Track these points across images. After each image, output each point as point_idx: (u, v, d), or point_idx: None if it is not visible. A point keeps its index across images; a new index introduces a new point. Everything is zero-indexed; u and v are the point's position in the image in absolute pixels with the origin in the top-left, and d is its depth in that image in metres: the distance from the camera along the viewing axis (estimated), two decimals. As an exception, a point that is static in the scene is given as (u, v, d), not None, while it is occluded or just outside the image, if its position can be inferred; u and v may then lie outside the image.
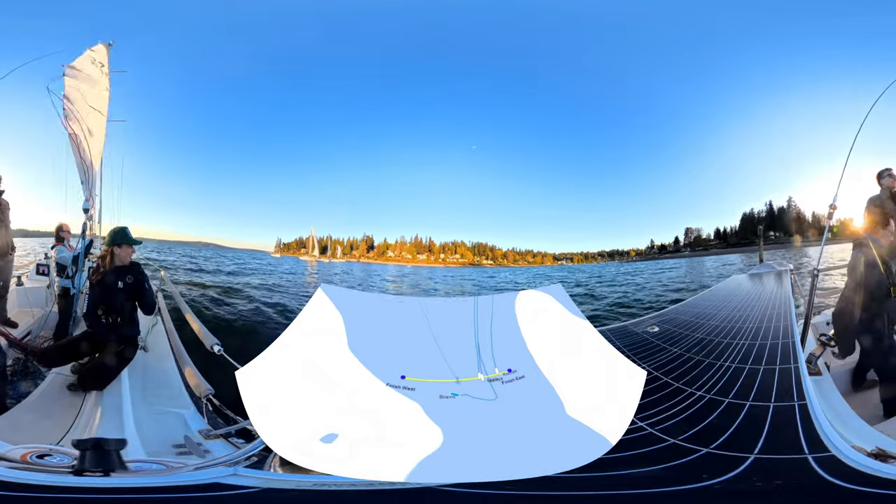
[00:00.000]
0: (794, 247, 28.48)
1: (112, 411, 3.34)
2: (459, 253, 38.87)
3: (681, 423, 2.90)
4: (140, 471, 2.13)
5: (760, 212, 31.70)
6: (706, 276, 18.35)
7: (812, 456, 2.25)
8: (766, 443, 2.45)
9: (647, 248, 33.70)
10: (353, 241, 40.15)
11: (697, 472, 2.27)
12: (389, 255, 39.35)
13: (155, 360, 4.41)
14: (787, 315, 5.23)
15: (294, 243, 41.32)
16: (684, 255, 32.13)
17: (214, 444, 2.95)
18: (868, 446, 2.36)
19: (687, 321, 6.45)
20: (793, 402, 2.84)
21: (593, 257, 34.46)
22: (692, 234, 33.48)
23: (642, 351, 4.90)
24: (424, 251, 39.45)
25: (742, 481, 2.14)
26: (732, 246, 29.56)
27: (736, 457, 2.33)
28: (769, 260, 13.60)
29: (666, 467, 2.36)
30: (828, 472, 2.14)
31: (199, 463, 2.40)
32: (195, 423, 3.28)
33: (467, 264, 37.77)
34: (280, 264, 30.44)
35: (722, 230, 32.74)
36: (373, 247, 40.00)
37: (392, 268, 36.68)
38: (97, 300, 3.95)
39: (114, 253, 4.04)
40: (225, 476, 2.08)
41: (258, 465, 2.25)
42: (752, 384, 3.35)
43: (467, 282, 27.68)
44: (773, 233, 31.53)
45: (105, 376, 3.73)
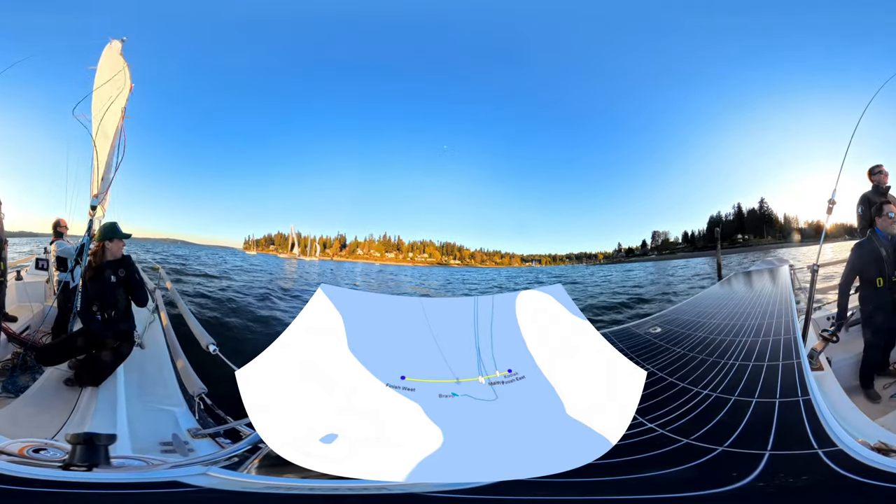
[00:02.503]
0: (765, 248, 28.64)
1: (106, 407, 3.35)
2: (428, 252, 38.79)
3: (690, 422, 2.90)
4: (121, 467, 2.13)
5: (728, 214, 31.89)
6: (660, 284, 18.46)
7: (822, 451, 2.26)
8: (776, 439, 2.46)
9: (615, 252, 33.84)
10: (326, 238, 39.71)
11: (720, 472, 2.26)
12: (359, 253, 39.11)
13: (151, 356, 4.43)
14: (787, 311, 5.24)
15: (263, 240, 40.53)
16: (651, 258, 32.30)
17: (202, 443, 2.94)
18: (871, 440, 2.37)
19: (688, 320, 6.47)
20: (797, 398, 2.86)
21: (561, 260, 34.54)
22: (659, 237, 33.62)
23: (646, 352, 4.92)
24: (393, 250, 39.32)
25: (768, 478, 2.14)
26: (699, 249, 29.71)
27: (752, 454, 2.33)
28: (726, 264, 13.77)
29: (687, 467, 2.35)
30: (841, 466, 2.15)
31: (178, 461, 2.40)
32: (186, 421, 3.27)
33: (435, 264, 37.73)
34: (268, 264, 29.82)
35: (689, 233, 32.90)
36: (345, 245, 39.75)
37: (361, 266, 36.52)
38: (91, 296, 3.97)
39: (105, 247, 4.08)
40: (190, 475, 2.07)
41: (236, 467, 2.26)
42: (757, 381, 3.37)
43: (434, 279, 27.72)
44: (741, 235, 31.72)
45: (101, 372, 3.75)
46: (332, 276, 27.10)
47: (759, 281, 9.25)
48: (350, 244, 39.54)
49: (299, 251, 38.78)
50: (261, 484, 2.13)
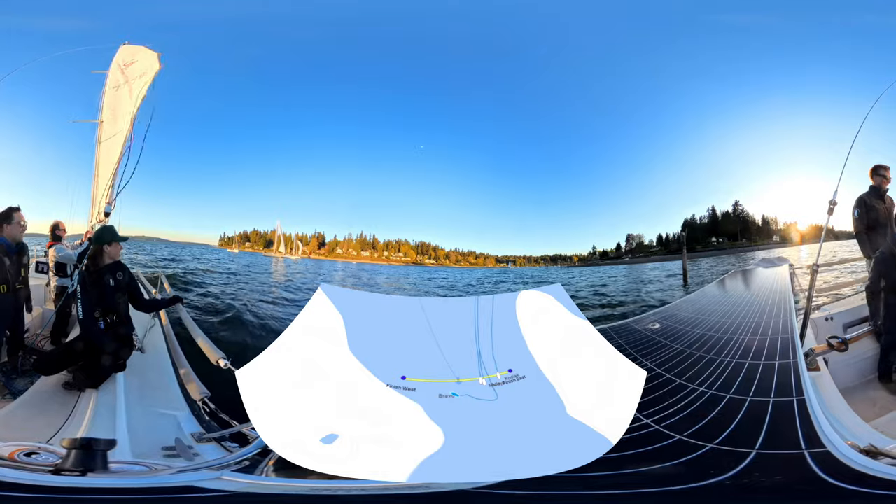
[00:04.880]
0: (738, 251, 28.60)
1: (105, 411, 3.28)
2: (403, 251, 38.83)
3: (684, 419, 2.92)
4: (119, 472, 2.09)
5: (703, 217, 31.75)
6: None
7: (808, 452, 2.28)
8: (766, 438, 2.48)
9: (590, 254, 33.80)
10: (303, 236, 39.49)
11: (704, 469, 2.29)
12: (339, 252, 39.06)
13: (151, 361, 4.38)
14: (786, 311, 5.24)
15: (238, 237, 40.11)
16: (625, 261, 32.31)
17: (206, 447, 2.91)
18: (861, 443, 2.38)
19: (687, 317, 6.49)
20: (791, 398, 2.88)
21: (536, 261, 34.49)
22: (634, 240, 33.52)
23: (644, 348, 4.94)
24: (368, 248, 39.32)
25: (746, 477, 2.16)
26: (673, 252, 29.63)
27: (739, 452, 2.36)
28: (696, 267, 13.84)
29: (675, 464, 2.39)
30: (821, 468, 2.17)
31: (184, 466, 2.37)
32: (189, 425, 3.23)
33: (410, 263, 37.82)
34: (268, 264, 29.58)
35: (664, 236, 32.80)
36: (324, 243, 39.61)
37: (340, 264, 36.54)
38: (94, 302, 3.90)
39: (103, 251, 4.06)
40: (204, 480, 2.04)
41: (249, 470, 2.22)
42: (753, 380, 3.39)
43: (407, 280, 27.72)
44: (714, 238, 31.62)
45: (100, 375, 3.72)
46: (331, 276, 26.94)
47: (755, 279, 9.26)
48: (329, 243, 39.39)
49: (286, 250, 38.48)
50: (281, 486, 2.10)
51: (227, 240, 39.14)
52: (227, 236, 39.20)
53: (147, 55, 6.40)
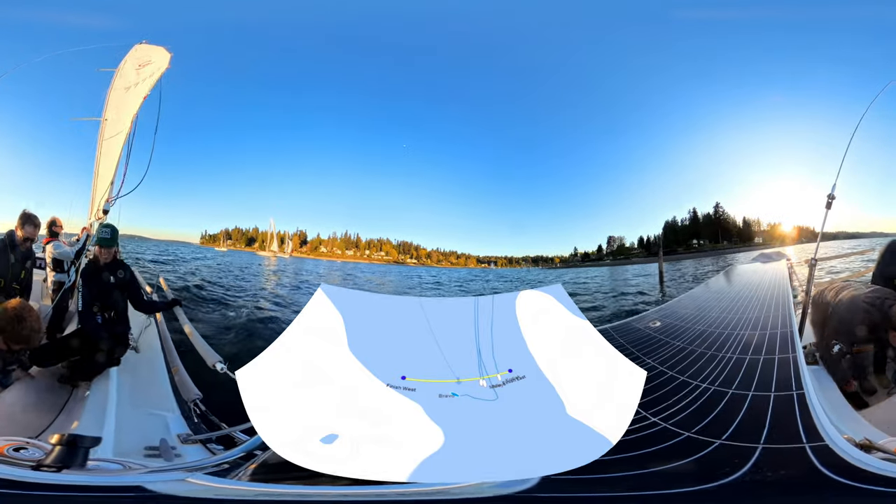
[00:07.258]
0: (719, 253, 28.85)
1: (95, 408, 3.26)
2: (385, 250, 38.88)
3: (690, 415, 2.94)
4: (94, 469, 2.07)
5: (684, 219, 32.06)
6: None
7: (809, 445, 2.30)
8: (769, 433, 2.51)
9: (571, 256, 33.99)
10: (284, 234, 39.23)
11: (715, 466, 2.30)
12: (322, 251, 38.94)
13: (145, 360, 4.38)
14: (785, 305, 5.26)
15: (221, 234, 39.70)
16: (606, 263, 32.55)
17: (191, 448, 2.88)
18: (857, 436, 2.41)
19: (687, 314, 6.50)
20: (791, 392, 2.90)
21: (518, 262, 34.60)
22: (615, 242, 33.75)
23: (646, 346, 4.96)
24: (352, 247, 39.33)
25: (757, 473, 2.17)
26: (654, 255, 29.85)
27: (746, 447, 2.37)
28: (679, 268, 13.60)
29: (687, 462, 2.40)
30: (821, 461, 2.19)
31: (159, 466, 2.33)
32: (177, 426, 3.19)
33: (392, 262, 37.91)
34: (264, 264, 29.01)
35: (645, 239, 33.06)
36: (306, 241, 39.42)
37: (325, 263, 36.36)
38: (93, 297, 3.98)
39: (100, 250, 4.11)
40: (160, 482, 2.03)
41: (224, 474, 2.20)
42: (753, 375, 3.41)
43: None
44: (696, 241, 31.90)
45: (93, 369, 3.75)
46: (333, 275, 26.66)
47: (753, 275, 9.35)
48: (312, 241, 39.20)
49: (279, 248, 38.16)
50: (243, 491, 2.08)
51: (209, 237, 38.73)
52: (209, 234, 38.82)
53: (161, 55, 6.33)
